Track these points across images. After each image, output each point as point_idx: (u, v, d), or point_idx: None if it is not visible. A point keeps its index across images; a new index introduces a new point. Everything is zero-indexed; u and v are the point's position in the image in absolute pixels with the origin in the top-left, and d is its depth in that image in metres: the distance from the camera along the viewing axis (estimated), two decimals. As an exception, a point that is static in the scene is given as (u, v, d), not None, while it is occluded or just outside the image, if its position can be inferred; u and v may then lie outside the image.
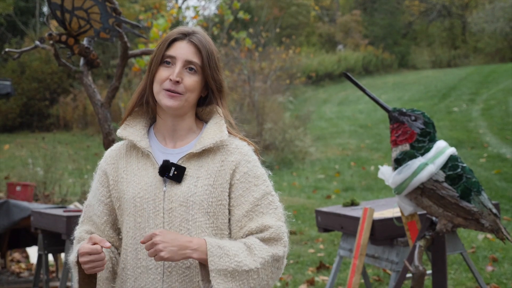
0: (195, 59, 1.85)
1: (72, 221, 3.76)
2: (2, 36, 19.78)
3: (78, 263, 1.82)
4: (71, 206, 6.41)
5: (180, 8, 12.49)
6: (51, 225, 3.98)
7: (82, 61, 3.90)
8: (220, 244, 1.76)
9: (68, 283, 4.80)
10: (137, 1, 17.49)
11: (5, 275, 5.50)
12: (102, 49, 17.52)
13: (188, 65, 1.85)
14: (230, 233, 1.86)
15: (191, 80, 1.85)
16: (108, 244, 1.73)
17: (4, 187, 8.77)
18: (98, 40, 3.89)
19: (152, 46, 8.56)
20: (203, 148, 1.85)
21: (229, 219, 1.86)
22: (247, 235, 1.83)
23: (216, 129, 1.88)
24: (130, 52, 3.97)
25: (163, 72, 1.85)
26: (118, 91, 3.96)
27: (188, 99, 1.85)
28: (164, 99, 1.84)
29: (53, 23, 10.34)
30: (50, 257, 5.47)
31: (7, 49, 3.90)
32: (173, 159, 1.86)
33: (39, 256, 4.35)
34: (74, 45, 3.78)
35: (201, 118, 1.96)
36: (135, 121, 1.94)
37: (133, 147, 1.93)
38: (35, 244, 5.41)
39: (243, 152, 1.89)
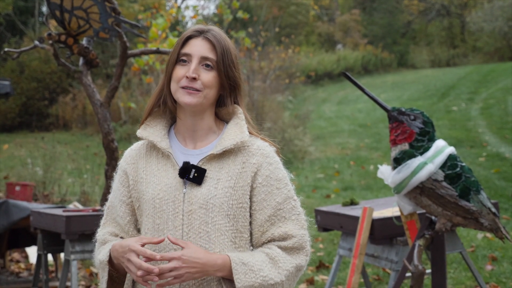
0: (211, 55, 1.82)
1: (71, 221, 3.75)
2: (1, 35, 19.76)
3: (109, 262, 1.82)
4: (71, 206, 6.42)
5: (179, 7, 12.49)
6: (51, 225, 3.97)
7: (81, 60, 3.90)
8: (244, 260, 1.74)
9: (68, 283, 4.80)
10: (136, 0, 17.48)
11: (4, 275, 5.49)
12: (101, 48, 17.51)
13: (204, 62, 1.82)
14: (250, 236, 1.84)
15: (208, 76, 1.82)
16: (158, 257, 1.69)
17: (3, 187, 8.75)
18: (97, 40, 3.90)
19: (151, 46, 8.56)
20: (224, 150, 1.82)
21: (250, 222, 1.84)
22: (269, 241, 1.82)
23: (236, 130, 1.85)
24: (130, 51, 3.97)
25: (179, 71, 1.82)
26: (117, 91, 3.96)
27: (207, 96, 1.82)
28: (182, 97, 1.81)
29: (52, 23, 10.32)
30: (50, 257, 5.47)
31: (6, 49, 3.90)
32: (194, 160, 1.84)
33: (39, 256, 4.34)
34: (73, 44, 3.79)
35: (222, 119, 1.93)
36: (155, 121, 1.91)
37: (153, 147, 1.91)
38: (35, 244, 5.40)
39: (265, 154, 1.86)
